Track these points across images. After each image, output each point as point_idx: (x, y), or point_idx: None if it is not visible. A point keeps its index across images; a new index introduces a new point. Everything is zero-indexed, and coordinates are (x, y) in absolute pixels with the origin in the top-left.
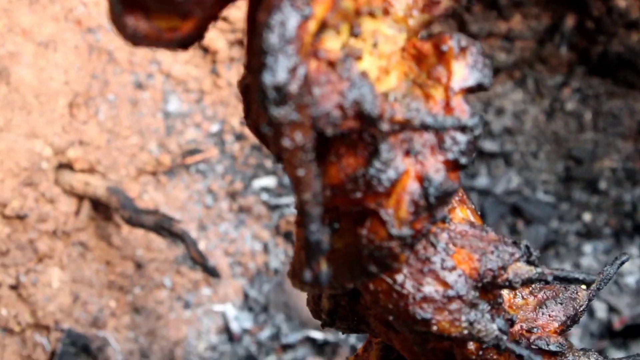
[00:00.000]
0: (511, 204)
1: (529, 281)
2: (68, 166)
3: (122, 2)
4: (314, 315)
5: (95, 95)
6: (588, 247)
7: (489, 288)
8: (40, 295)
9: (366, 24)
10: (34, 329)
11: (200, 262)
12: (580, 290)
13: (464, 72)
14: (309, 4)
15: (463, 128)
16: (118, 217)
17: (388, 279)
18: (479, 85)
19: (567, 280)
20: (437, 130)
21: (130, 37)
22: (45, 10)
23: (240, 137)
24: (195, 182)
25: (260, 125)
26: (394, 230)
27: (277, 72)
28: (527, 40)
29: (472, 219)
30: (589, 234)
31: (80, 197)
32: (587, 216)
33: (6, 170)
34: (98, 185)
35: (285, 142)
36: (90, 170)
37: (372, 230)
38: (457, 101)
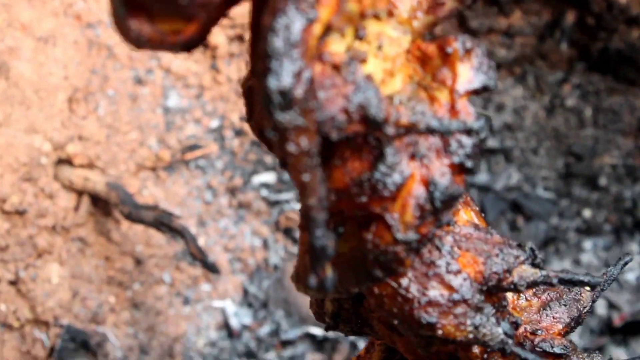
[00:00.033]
0: (511, 200)
1: (534, 284)
2: (67, 161)
3: (126, 6)
4: (317, 318)
5: (94, 90)
6: (588, 244)
7: (494, 291)
8: (40, 290)
9: (371, 26)
10: (33, 324)
11: (200, 258)
12: (584, 291)
13: (469, 75)
14: (314, 7)
15: (469, 131)
16: (117, 213)
17: (393, 283)
18: (484, 88)
19: (572, 282)
20: (443, 134)
21: (133, 41)
22: (44, 5)
23: (239, 133)
24: (194, 178)
25: (265, 130)
26: (400, 235)
27: (282, 77)
28: (528, 36)
29: (477, 221)
30: (589, 230)
31: (79, 193)
32: (587, 212)
33: (5, 165)
34: (97, 181)
35: (291, 147)
36: (90, 165)
37: (378, 234)
38: (463, 104)
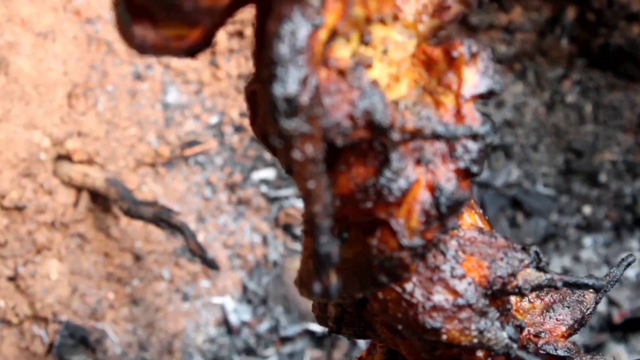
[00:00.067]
0: (511, 196)
1: (538, 287)
2: (67, 157)
3: (130, 12)
4: (320, 322)
5: (94, 86)
6: (588, 240)
7: (498, 295)
8: (39, 286)
9: (376, 30)
10: (32, 320)
11: (199, 254)
12: (587, 293)
13: (474, 79)
14: (320, 13)
15: (474, 136)
16: (117, 209)
17: (397, 288)
18: (490, 92)
19: (577, 286)
20: (449, 139)
21: (137, 46)
22: (44, 1)
23: (239, 129)
24: (194, 174)
25: (270, 137)
26: (405, 241)
27: (288, 84)
28: (528, 32)
29: (480, 224)
30: (589, 226)
31: (78, 189)
32: (587, 209)
33: (4, 161)
34: (97, 177)
35: (296, 155)
36: (89, 161)
37: (383, 240)
38: (468, 108)
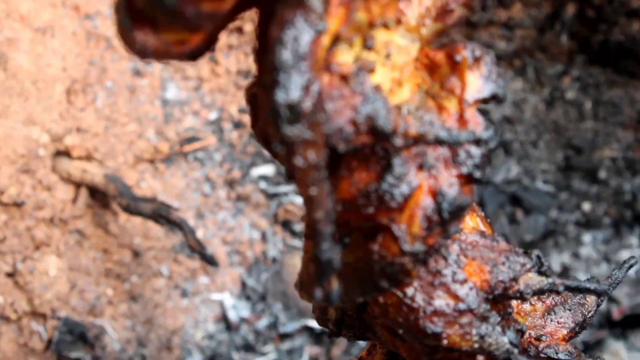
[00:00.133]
0: (510, 193)
1: (540, 292)
2: (65, 153)
3: (131, 18)
4: (320, 324)
5: (93, 82)
6: (587, 237)
7: (500, 300)
8: (37, 283)
9: (379, 35)
10: (31, 317)
11: (198, 251)
12: (589, 295)
13: (478, 83)
14: (323, 18)
15: (477, 141)
16: (115, 205)
17: (398, 292)
18: (494, 97)
19: (579, 290)
20: (452, 145)
21: (139, 52)
22: None
23: (238, 125)
24: (193, 170)
25: (272, 143)
26: (407, 246)
27: (291, 90)
28: (528, 28)
29: (482, 227)
30: (589, 223)
31: (77, 185)
32: (587, 206)
33: (3, 157)
34: (95, 173)
35: (298, 161)
36: (88, 157)
37: (384, 245)
38: (471, 113)
